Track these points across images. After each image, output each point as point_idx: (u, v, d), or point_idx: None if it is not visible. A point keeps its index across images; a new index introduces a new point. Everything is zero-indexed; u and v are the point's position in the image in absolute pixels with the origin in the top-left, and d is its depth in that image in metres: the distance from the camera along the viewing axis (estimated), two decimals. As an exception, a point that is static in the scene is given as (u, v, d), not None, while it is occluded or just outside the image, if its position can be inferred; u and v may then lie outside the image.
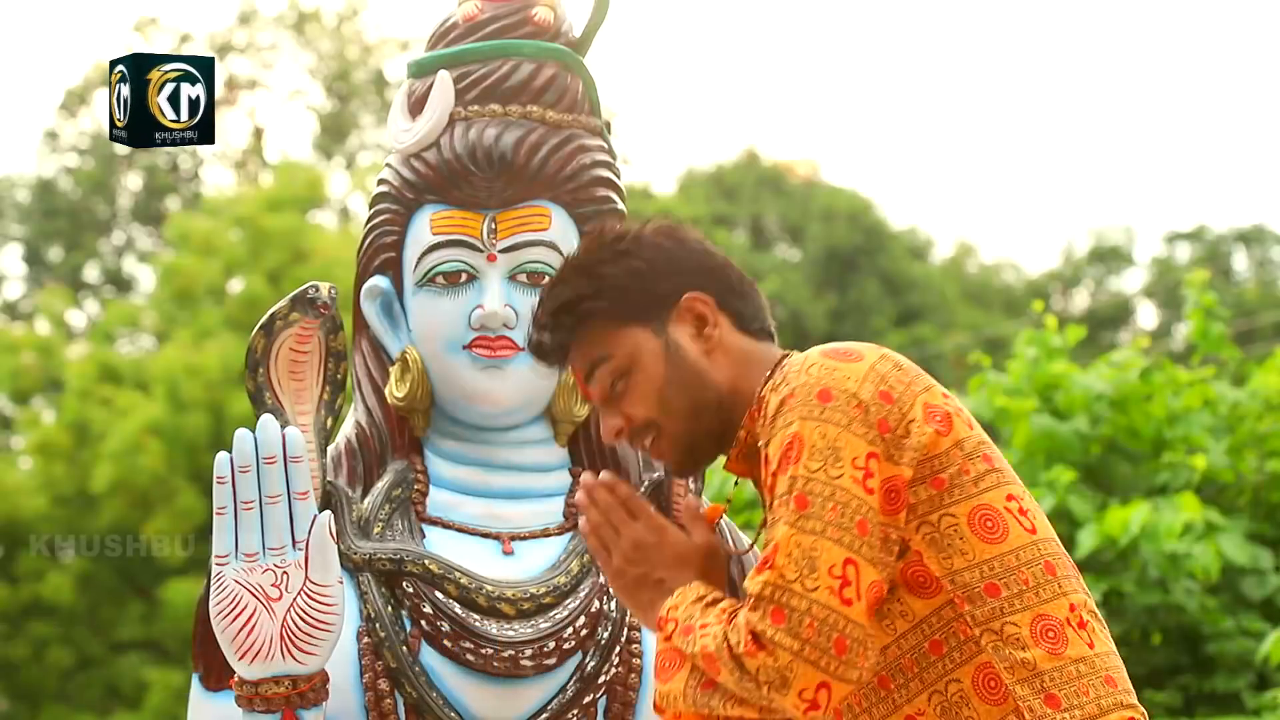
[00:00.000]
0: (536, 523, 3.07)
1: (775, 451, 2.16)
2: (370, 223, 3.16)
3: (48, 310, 18.74)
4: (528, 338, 2.41)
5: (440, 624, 2.91)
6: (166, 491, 14.79)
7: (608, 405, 2.31)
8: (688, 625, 2.17)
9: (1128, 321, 24.03)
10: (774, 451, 2.16)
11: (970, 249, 25.74)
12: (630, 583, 2.27)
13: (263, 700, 2.70)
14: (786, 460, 2.14)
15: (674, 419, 2.27)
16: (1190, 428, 6.28)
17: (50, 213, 22.59)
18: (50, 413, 17.23)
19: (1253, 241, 24.43)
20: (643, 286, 2.29)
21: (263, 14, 23.80)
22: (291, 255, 15.97)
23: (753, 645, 2.08)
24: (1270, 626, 5.78)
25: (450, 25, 3.20)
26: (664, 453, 2.30)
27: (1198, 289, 6.65)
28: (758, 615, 2.08)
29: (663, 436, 2.28)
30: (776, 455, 2.15)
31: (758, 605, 2.09)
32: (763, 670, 2.08)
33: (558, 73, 3.14)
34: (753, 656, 2.08)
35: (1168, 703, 5.92)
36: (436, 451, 3.11)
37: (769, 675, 2.07)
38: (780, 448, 2.15)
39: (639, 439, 2.30)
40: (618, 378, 2.28)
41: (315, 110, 23.88)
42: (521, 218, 3.07)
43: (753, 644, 2.08)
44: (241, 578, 2.65)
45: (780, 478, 2.14)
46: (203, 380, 14.78)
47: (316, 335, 3.01)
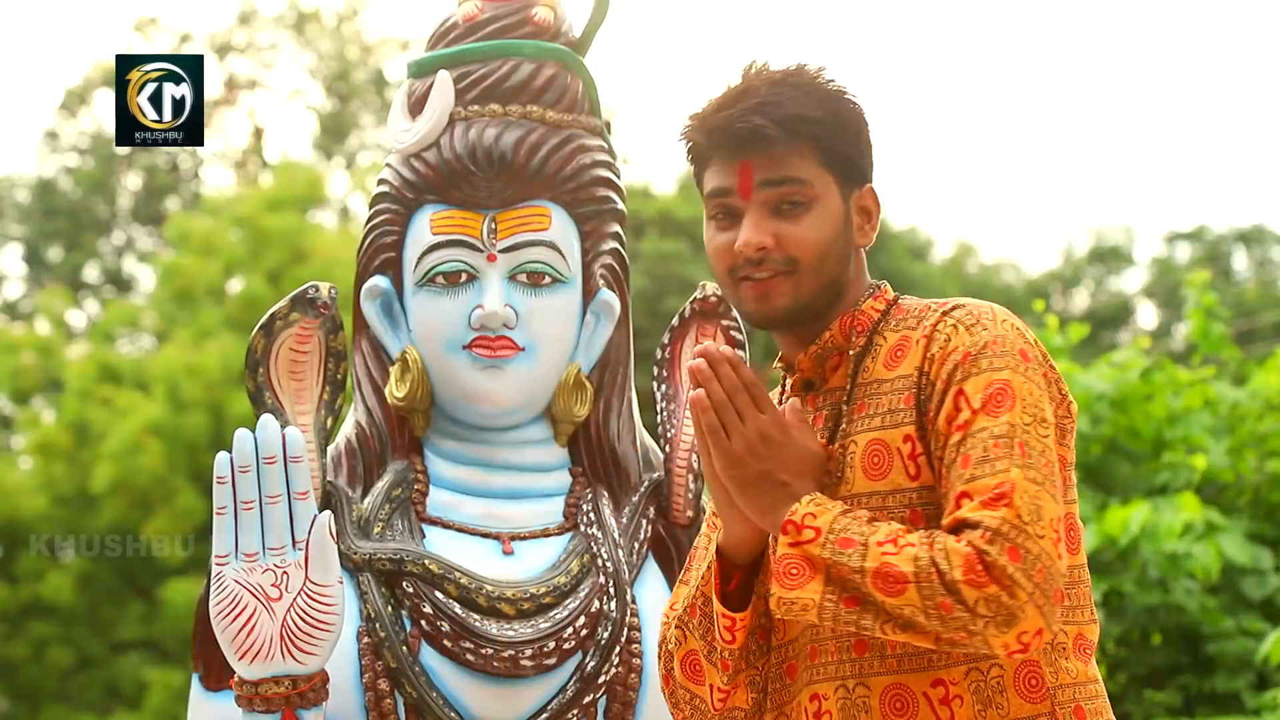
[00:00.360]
0: (536, 523, 3.07)
1: (978, 391, 2.13)
2: (370, 223, 3.16)
3: (48, 310, 18.74)
4: (716, 107, 2.28)
5: (440, 624, 2.91)
6: (166, 491, 14.79)
7: (763, 219, 2.24)
8: (847, 538, 2.10)
9: (1128, 321, 24.02)
10: (976, 390, 2.13)
11: (970, 249, 25.74)
12: (751, 476, 2.19)
13: (263, 700, 2.70)
14: (999, 404, 2.12)
15: (810, 274, 2.24)
16: (1190, 428, 6.28)
17: (50, 213, 22.58)
18: (50, 413, 17.22)
19: (1253, 241, 24.42)
20: (858, 151, 2.29)
21: (263, 14, 23.81)
22: (291, 255, 15.97)
23: (984, 577, 2.04)
24: (1270, 626, 5.78)
25: (450, 25, 3.20)
26: (778, 293, 2.25)
27: (1198, 289, 6.66)
28: (996, 549, 2.05)
29: (790, 279, 2.24)
30: (981, 395, 2.13)
31: (995, 540, 2.05)
32: (987, 603, 2.04)
33: (558, 73, 3.14)
34: (979, 588, 2.04)
35: (1168, 703, 5.93)
36: (436, 451, 3.11)
37: (994, 609, 2.04)
38: (987, 389, 2.13)
39: (768, 267, 2.24)
40: (795, 205, 2.24)
41: (315, 110, 23.88)
42: (521, 218, 3.07)
43: (984, 575, 2.04)
44: (241, 578, 2.65)
45: (993, 420, 2.11)
46: (203, 380, 14.78)
47: (316, 335, 3.01)
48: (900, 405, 2.19)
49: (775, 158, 2.24)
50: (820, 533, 2.11)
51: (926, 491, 2.16)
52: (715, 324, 3.18)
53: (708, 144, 2.28)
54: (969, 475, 2.10)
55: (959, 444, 2.12)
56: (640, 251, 17.59)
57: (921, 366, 2.19)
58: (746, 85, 2.27)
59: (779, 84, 2.26)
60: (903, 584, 2.06)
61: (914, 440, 2.18)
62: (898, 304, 2.31)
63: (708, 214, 2.29)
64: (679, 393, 3.18)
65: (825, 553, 2.10)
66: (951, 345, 2.18)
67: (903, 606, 2.06)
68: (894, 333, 2.26)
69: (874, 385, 2.24)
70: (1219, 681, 5.88)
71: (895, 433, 2.19)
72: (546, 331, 3.07)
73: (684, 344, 3.20)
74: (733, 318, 3.18)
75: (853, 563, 2.08)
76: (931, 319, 2.23)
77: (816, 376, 2.29)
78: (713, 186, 2.28)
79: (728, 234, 2.27)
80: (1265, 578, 6.03)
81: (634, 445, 3.17)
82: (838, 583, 2.09)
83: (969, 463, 2.11)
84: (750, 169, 2.25)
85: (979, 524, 2.06)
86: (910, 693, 2.16)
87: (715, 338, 3.18)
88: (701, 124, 2.29)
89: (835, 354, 2.28)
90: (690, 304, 3.20)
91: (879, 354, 2.25)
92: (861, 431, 2.22)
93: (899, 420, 2.19)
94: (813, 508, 2.13)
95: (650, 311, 15.81)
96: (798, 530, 2.13)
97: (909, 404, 2.19)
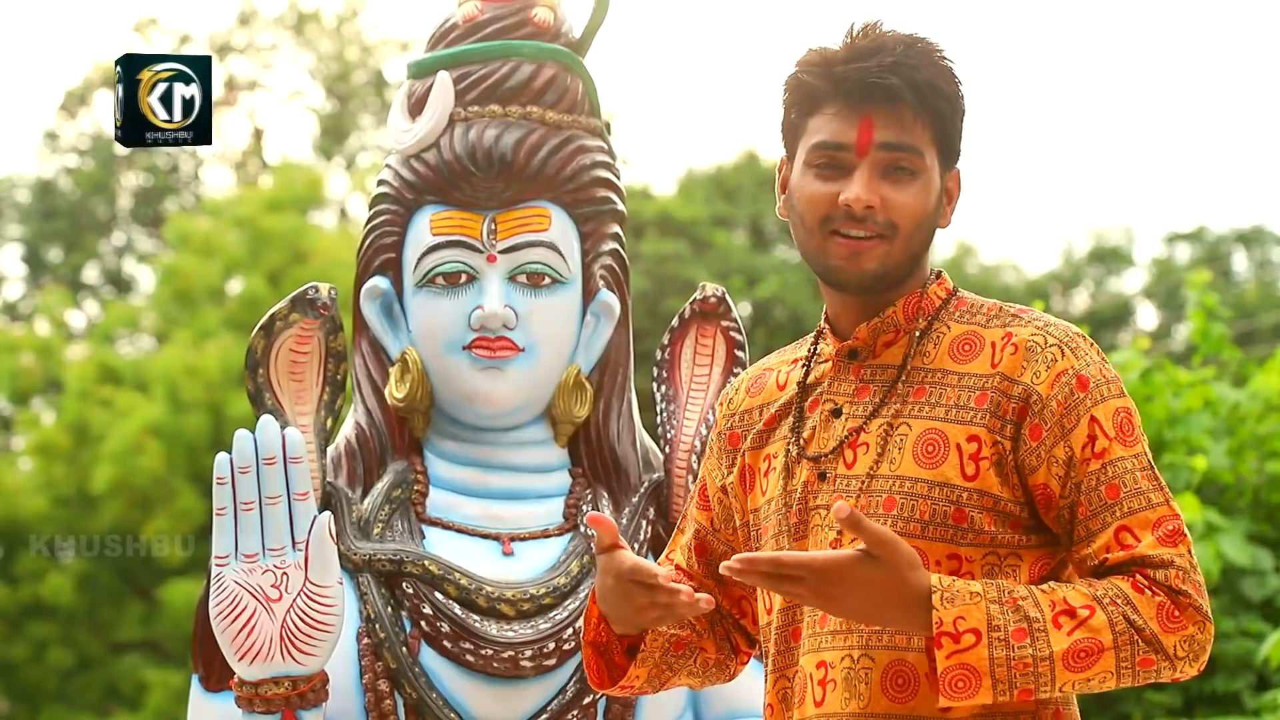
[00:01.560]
0: (536, 523, 3.07)
1: (1108, 418, 2.15)
2: (370, 223, 3.16)
3: (47, 311, 18.72)
4: (847, 56, 2.22)
5: (440, 625, 2.91)
6: (166, 492, 14.78)
7: (873, 179, 2.20)
8: (1018, 629, 2.04)
9: (1128, 322, 24.00)
10: (1106, 417, 2.15)
11: (970, 249, 25.70)
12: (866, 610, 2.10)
13: (263, 701, 2.70)
14: (1128, 433, 2.15)
15: (904, 243, 2.22)
16: (1190, 429, 6.28)
17: (50, 213, 22.57)
18: (50, 413, 17.20)
19: (1253, 242, 24.40)
20: (960, 132, 2.28)
21: (263, 15, 23.78)
22: (291, 256, 15.96)
23: (1179, 620, 2.07)
24: (1270, 627, 5.78)
25: (450, 26, 3.20)
26: (869, 256, 2.22)
27: (1199, 289, 6.65)
28: (1190, 587, 2.08)
29: (885, 243, 2.21)
30: (1112, 423, 2.15)
31: (1186, 579, 2.08)
32: (1184, 644, 2.08)
33: (557, 73, 3.14)
34: (1175, 632, 2.07)
35: (1168, 703, 5.92)
36: (436, 452, 3.11)
37: (1190, 649, 2.08)
38: (1116, 416, 2.15)
39: (869, 227, 2.21)
40: (906, 170, 2.22)
41: (315, 111, 23.87)
42: (521, 218, 3.07)
43: (1179, 618, 2.07)
44: (241, 578, 2.65)
45: (1129, 450, 2.14)
46: (202, 381, 14.76)
47: (316, 336, 3.01)
48: (971, 403, 2.18)
49: (901, 121, 2.21)
50: (981, 636, 2.05)
51: (978, 495, 2.15)
52: (715, 325, 3.18)
53: (830, 90, 2.23)
54: (1125, 508, 2.12)
55: (1099, 472, 2.13)
56: (640, 252, 17.60)
57: (1013, 375, 2.18)
58: (878, 42, 2.22)
59: (911, 48, 2.22)
60: (1098, 654, 2.06)
61: (980, 442, 2.17)
62: (958, 295, 2.30)
63: (807, 160, 2.24)
64: (679, 393, 3.18)
65: (996, 652, 2.05)
66: (1061, 365, 2.17)
67: (1093, 675, 2.06)
68: (958, 324, 2.25)
69: (937, 374, 2.22)
70: (1219, 682, 5.87)
71: (959, 429, 2.17)
72: (546, 332, 3.06)
73: (684, 345, 3.19)
74: (732, 319, 3.18)
75: (1038, 653, 2.05)
76: (1021, 327, 2.22)
77: (866, 348, 2.28)
78: (825, 136, 2.22)
79: (830, 185, 2.22)
80: (1265, 579, 6.03)
81: (634, 446, 3.17)
82: (1008, 679, 2.05)
83: (1119, 493, 2.12)
84: (872, 126, 2.21)
85: (1170, 563, 2.08)
86: (913, 670, 2.16)
87: (715, 338, 3.18)
88: (827, 69, 2.23)
89: (892, 330, 2.27)
90: (690, 304, 3.20)
91: (941, 341, 2.24)
92: (919, 417, 2.20)
93: (967, 419, 2.18)
94: (957, 609, 2.06)
95: (650, 312, 15.81)
96: (955, 640, 2.05)
97: (981, 404, 2.18)
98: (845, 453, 2.23)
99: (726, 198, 20.61)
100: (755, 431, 2.34)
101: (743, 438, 2.35)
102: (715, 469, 2.39)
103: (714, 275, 17.21)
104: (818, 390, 2.29)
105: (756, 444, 2.33)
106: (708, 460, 2.42)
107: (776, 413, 2.32)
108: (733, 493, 2.36)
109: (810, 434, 2.27)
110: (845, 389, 2.26)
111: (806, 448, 2.26)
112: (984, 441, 2.16)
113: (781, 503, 2.26)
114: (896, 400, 2.22)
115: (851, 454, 2.22)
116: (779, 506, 2.26)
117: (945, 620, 2.05)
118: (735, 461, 2.35)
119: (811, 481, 2.24)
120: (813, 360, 2.32)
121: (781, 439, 2.30)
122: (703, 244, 19.25)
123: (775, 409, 2.32)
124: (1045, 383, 2.17)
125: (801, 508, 2.23)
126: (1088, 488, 2.13)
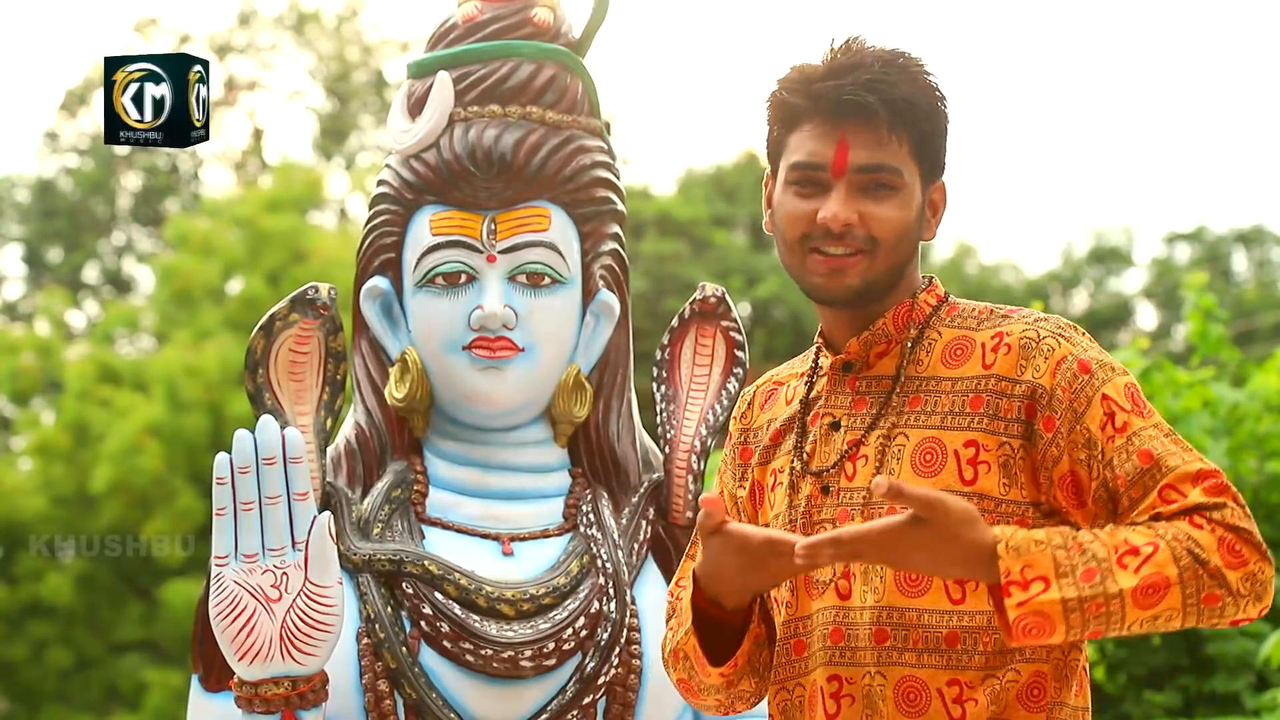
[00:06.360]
0: (536, 523, 3.07)
1: (1119, 394, 2.17)
2: (370, 223, 3.16)
3: (47, 311, 18.72)
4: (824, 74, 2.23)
5: (440, 625, 2.91)
6: (166, 492, 14.78)
7: (851, 196, 2.22)
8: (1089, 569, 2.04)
9: (1127, 322, 24.01)
10: (1117, 393, 2.17)
11: (970, 249, 25.71)
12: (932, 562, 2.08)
13: (262, 701, 2.70)
14: (1141, 405, 2.18)
15: (885, 257, 2.24)
16: (1190, 429, 6.28)
17: (50, 213, 22.57)
18: (50, 413, 17.20)
19: (1252, 242, 24.41)
20: (943, 146, 2.30)
21: (262, 14, 23.79)
22: (291, 256, 15.96)
23: (1241, 555, 2.08)
24: (1270, 628, 5.77)
25: (450, 26, 3.20)
26: (851, 272, 2.23)
27: (1197, 290, 6.65)
28: (1248, 523, 2.09)
29: (866, 258, 2.23)
30: (1124, 398, 2.17)
31: (1244, 517, 2.09)
32: (1246, 580, 2.08)
33: (557, 73, 3.14)
34: (1239, 567, 2.07)
35: (1168, 703, 5.92)
36: (436, 452, 3.11)
37: (1253, 586, 2.09)
38: (1126, 392, 2.18)
39: (848, 244, 2.22)
40: (885, 187, 2.23)
41: (315, 111, 23.87)
42: (521, 218, 3.07)
43: (1241, 553, 2.08)
44: (241, 578, 2.65)
45: (1147, 420, 2.16)
46: (202, 381, 14.77)
47: (316, 336, 3.01)
48: (965, 408, 2.19)
49: (876, 139, 2.22)
50: (1050, 582, 2.05)
51: (977, 499, 2.15)
52: (715, 325, 3.18)
53: (808, 108, 2.25)
54: (1164, 467, 2.12)
55: (1126, 444, 2.14)
56: (640, 252, 17.60)
57: (1012, 375, 2.19)
58: (857, 59, 2.23)
59: (889, 64, 2.23)
60: (1164, 590, 2.05)
61: (979, 447, 2.18)
62: (949, 301, 2.31)
63: (787, 179, 2.26)
64: (679, 393, 3.18)
65: (1067, 593, 2.04)
66: (1059, 354, 2.19)
67: (1160, 613, 2.06)
68: (949, 329, 2.26)
69: (931, 382, 2.23)
70: (1219, 683, 5.87)
71: (956, 435, 2.18)
72: (546, 332, 3.07)
73: (684, 344, 3.20)
74: (732, 319, 3.18)
75: (1108, 591, 2.05)
76: (1012, 326, 2.23)
77: (859, 360, 2.29)
78: (803, 156, 2.24)
79: (809, 203, 2.24)
80: (1265, 579, 6.02)
81: (633, 446, 3.17)
82: (1081, 620, 2.05)
83: (1151, 458, 2.13)
84: (847, 145, 2.23)
85: (1223, 504, 2.09)
86: (925, 687, 2.17)
87: (714, 338, 3.18)
88: (806, 87, 2.25)
89: (884, 341, 2.28)
90: (690, 305, 3.20)
91: (933, 349, 2.25)
92: (915, 426, 2.21)
93: (964, 424, 2.19)
94: (1023, 558, 2.05)
95: (650, 312, 15.82)
96: (1024, 589, 2.05)
97: (977, 408, 2.19)
98: (846, 465, 2.25)
99: (726, 198, 20.62)
100: (763, 447, 2.37)
101: (752, 453, 2.39)
102: (730, 480, 2.42)
103: (714, 275, 17.23)
104: (817, 404, 2.31)
105: (764, 459, 2.36)
106: (723, 471, 2.45)
107: (781, 428, 2.35)
108: (743, 508, 2.39)
109: (812, 448, 2.28)
110: (842, 402, 2.28)
111: (809, 462, 2.28)
112: (983, 445, 2.18)
113: (788, 518, 2.28)
114: (892, 411, 2.24)
115: (852, 467, 2.24)
116: (785, 522, 2.28)
117: (1013, 570, 2.05)
118: (746, 476, 2.38)
119: (815, 496, 2.26)
120: (814, 375, 2.34)
121: (786, 454, 2.32)
122: (702, 244, 19.27)
123: (780, 424, 2.35)
124: (1047, 374, 2.18)
125: (806, 522, 2.25)
126: (1120, 461, 2.14)
